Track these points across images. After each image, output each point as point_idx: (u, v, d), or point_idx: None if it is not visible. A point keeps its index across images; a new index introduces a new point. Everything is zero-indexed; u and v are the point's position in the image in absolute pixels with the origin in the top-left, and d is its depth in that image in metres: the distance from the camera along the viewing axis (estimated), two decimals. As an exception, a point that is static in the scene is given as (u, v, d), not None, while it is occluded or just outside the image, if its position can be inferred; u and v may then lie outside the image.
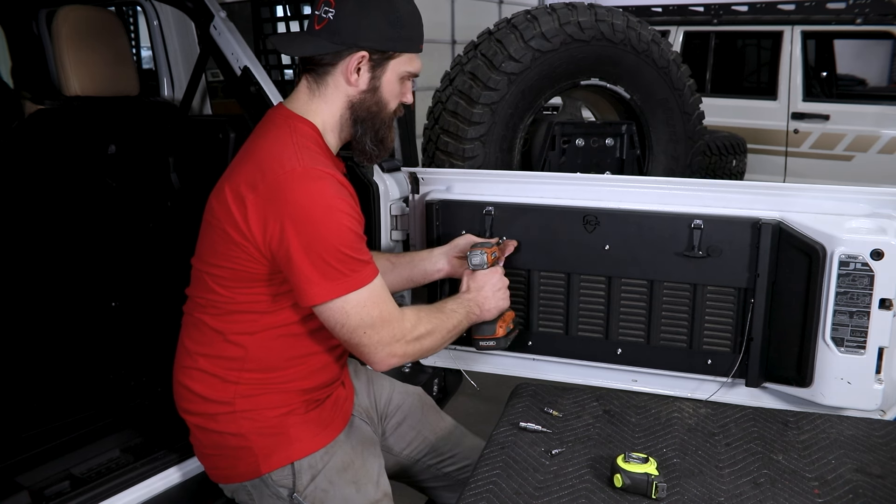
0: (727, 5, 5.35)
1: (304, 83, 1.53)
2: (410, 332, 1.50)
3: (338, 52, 1.47)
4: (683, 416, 1.66)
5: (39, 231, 2.63)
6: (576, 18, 2.67)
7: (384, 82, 1.52)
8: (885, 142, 4.73)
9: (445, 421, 1.85)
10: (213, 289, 1.48)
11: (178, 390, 1.56)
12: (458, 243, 1.85)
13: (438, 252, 1.85)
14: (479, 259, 1.73)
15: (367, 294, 1.42)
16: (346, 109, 1.52)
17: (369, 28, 1.46)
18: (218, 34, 2.24)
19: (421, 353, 1.55)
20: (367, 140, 1.55)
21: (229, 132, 2.20)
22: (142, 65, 4.22)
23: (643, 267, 1.84)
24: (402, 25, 1.49)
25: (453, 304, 1.65)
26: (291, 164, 1.38)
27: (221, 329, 1.49)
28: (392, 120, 1.58)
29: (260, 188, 1.38)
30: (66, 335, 2.49)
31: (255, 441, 1.49)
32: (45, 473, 1.64)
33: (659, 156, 3.00)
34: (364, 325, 1.42)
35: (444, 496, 1.82)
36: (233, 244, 1.41)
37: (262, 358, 1.49)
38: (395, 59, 1.51)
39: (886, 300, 1.61)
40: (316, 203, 1.37)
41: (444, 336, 1.58)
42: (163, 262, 2.44)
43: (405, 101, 1.59)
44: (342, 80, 1.49)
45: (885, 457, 1.48)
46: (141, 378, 2.17)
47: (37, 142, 2.64)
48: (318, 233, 1.36)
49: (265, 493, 1.52)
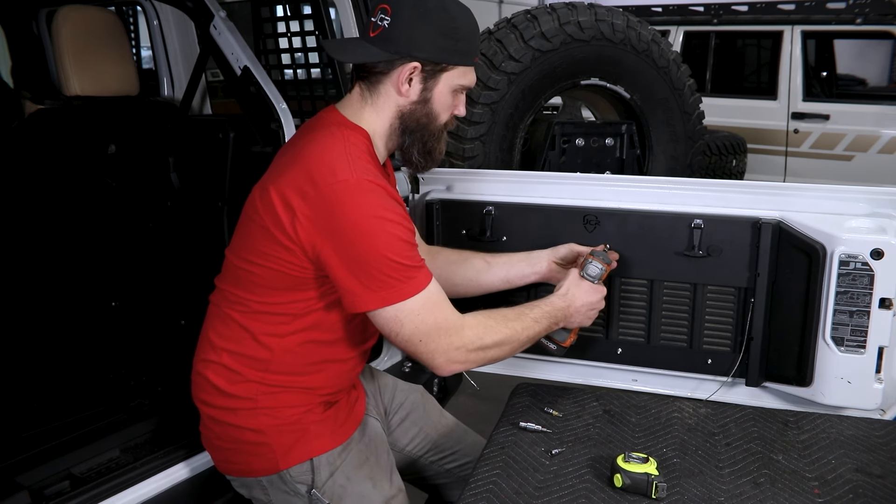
0: (727, 5, 5.35)
1: (356, 89, 1.51)
2: (475, 341, 1.45)
3: (390, 61, 1.45)
4: (683, 415, 1.66)
5: (39, 231, 2.63)
6: (576, 18, 2.67)
7: (436, 94, 1.49)
8: (885, 142, 4.73)
9: (447, 418, 1.86)
10: (247, 286, 1.47)
11: (198, 381, 1.55)
12: (559, 250, 1.81)
13: (538, 255, 1.81)
14: (597, 272, 1.66)
15: (422, 302, 1.40)
16: (395, 119, 1.50)
17: (423, 38, 1.43)
18: (218, 34, 2.23)
19: (487, 362, 1.51)
20: (414, 151, 1.53)
21: (229, 132, 2.20)
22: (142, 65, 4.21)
23: (643, 266, 1.84)
24: (458, 38, 1.46)
25: (539, 313, 1.58)
26: (344, 175, 1.36)
27: (250, 328, 1.48)
28: (442, 132, 1.55)
29: (310, 196, 1.36)
30: (66, 335, 2.49)
31: (273, 438, 1.49)
32: (45, 473, 1.64)
33: (659, 155, 3.00)
34: (419, 333, 1.40)
35: (446, 493, 1.82)
36: (277, 244, 1.40)
37: (286, 361, 1.48)
38: (448, 71, 1.48)
39: (886, 300, 1.62)
40: (365, 214, 1.35)
41: (516, 347, 1.53)
42: (163, 261, 2.44)
43: (457, 114, 1.56)
44: (393, 89, 1.47)
45: (885, 457, 1.48)
46: (141, 378, 2.17)
47: (37, 142, 2.64)
48: (368, 243, 1.35)
49: (281, 489, 1.52)
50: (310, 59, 2.47)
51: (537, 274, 1.81)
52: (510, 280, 1.82)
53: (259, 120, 2.20)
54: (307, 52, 2.46)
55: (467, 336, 1.44)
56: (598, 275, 1.66)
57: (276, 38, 2.60)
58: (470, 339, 1.45)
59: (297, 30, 2.44)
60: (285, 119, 2.19)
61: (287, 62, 2.54)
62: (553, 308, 1.61)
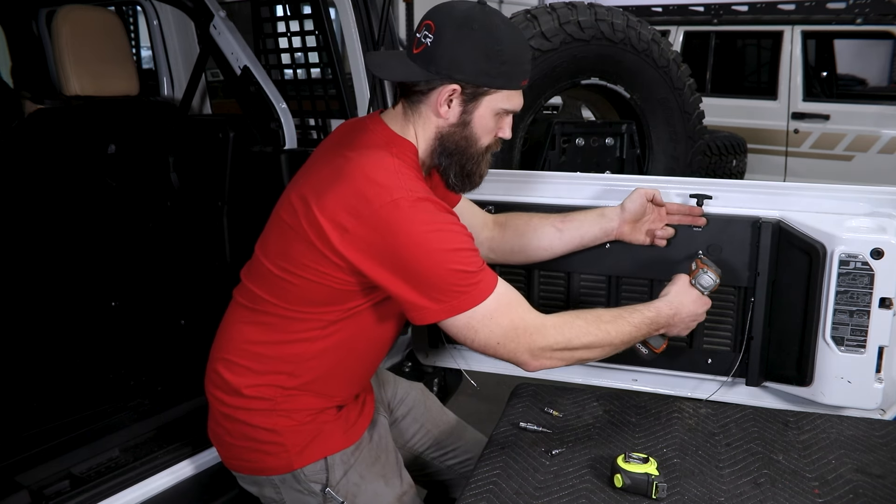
0: (727, 5, 5.35)
1: (401, 105, 1.46)
2: (560, 342, 1.41)
3: (430, 81, 1.39)
4: (683, 416, 1.66)
5: (39, 231, 2.63)
6: (576, 18, 2.67)
7: (476, 117, 1.43)
8: (885, 142, 4.74)
9: (448, 415, 1.86)
10: (281, 293, 1.44)
11: (213, 377, 1.54)
12: (629, 205, 1.74)
13: (610, 215, 1.76)
14: (711, 283, 1.57)
15: (493, 305, 1.36)
16: (435, 140, 1.45)
17: (465, 60, 1.37)
18: (218, 34, 2.24)
19: (579, 362, 1.48)
20: (451, 173, 1.49)
21: (229, 132, 2.20)
22: (142, 65, 4.22)
23: (643, 266, 1.84)
24: (502, 60, 1.39)
25: (640, 319, 1.50)
26: (399, 193, 1.32)
27: (279, 333, 1.46)
28: (483, 156, 1.49)
29: (364, 215, 1.32)
30: (66, 335, 2.49)
31: (288, 437, 1.48)
32: (45, 473, 1.64)
33: (659, 155, 3.01)
34: (495, 336, 1.37)
35: (447, 490, 1.83)
36: (323, 259, 1.36)
37: (310, 366, 1.47)
38: (490, 94, 1.41)
39: (886, 299, 1.61)
40: (422, 230, 1.32)
41: (609, 350, 1.47)
42: (163, 262, 2.44)
43: (502, 136, 1.50)
44: (431, 110, 1.42)
45: (885, 457, 1.48)
46: (141, 378, 2.17)
47: (37, 141, 2.64)
48: (429, 258, 1.32)
49: (295, 488, 1.52)
50: (310, 59, 2.47)
51: (609, 235, 1.78)
52: (584, 244, 1.79)
53: (259, 120, 2.20)
54: (307, 52, 2.46)
55: (551, 336, 1.40)
56: (710, 286, 1.57)
57: (276, 38, 2.60)
58: (555, 340, 1.40)
59: (297, 30, 2.44)
60: (285, 119, 2.20)
61: (287, 62, 2.54)
62: (657, 314, 1.52)
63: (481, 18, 1.38)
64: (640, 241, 1.77)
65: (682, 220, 1.76)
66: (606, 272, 1.88)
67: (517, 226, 1.81)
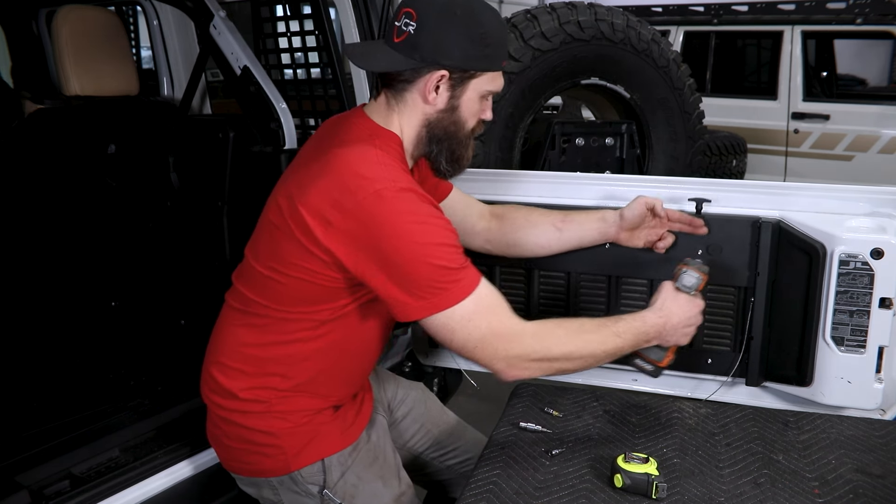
0: (727, 5, 5.35)
1: (382, 97, 1.46)
2: (538, 351, 1.37)
3: (416, 70, 1.39)
4: (683, 416, 1.65)
5: (39, 231, 2.63)
6: (576, 18, 2.67)
7: (463, 101, 1.43)
8: (885, 142, 4.73)
9: (448, 415, 1.86)
10: (272, 295, 1.44)
11: (209, 381, 1.54)
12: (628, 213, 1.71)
13: (610, 219, 1.74)
14: (694, 282, 1.51)
15: (472, 307, 1.33)
16: (422, 128, 1.45)
17: (451, 45, 1.37)
18: (218, 34, 2.24)
19: (558, 373, 1.43)
20: (441, 159, 1.48)
21: (229, 132, 2.20)
22: (142, 65, 4.22)
23: (643, 266, 1.84)
24: (486, 43, 1.39)
25: (623, 327, 1.44)
26: (382, 184, 1.31)
27: (271, 335, 1.46)
28: (469, 138, 1.49)
29: (348, 207, 1.31)
30: (66, 335, 2.49)
31: (285, 440, 1.48)
32: (45, 473, 1.64)
33: (659, 155, 3.01)
34: (472, 339, 1.35)
35: (446, 489, 1.83)
36: (310, 256, 1.36)
37: (304, 367, 1.47)
38: (476, 77, 1.42)
39: (886, 299, 1.61)
40: (404, 222, 1.31)
41: (591, 361, 1.42)
42: (163, 261, 2.44)
43: (484, 119, 1.50)
44: (419, 97, 1.41)
45: (885, 457, 1.48)
46: (141, 378, 2.17)
47: (37, 141, 2.64)
48: (410, 251, 1.31)
49: (292, 490, 1.52)
50: (310, 59, 2.47)
51: (607, 239, 1.77)
52: (582, 245, 1.79)
53: (259, 120, 2.20)
54: (307, 52, 2.46)
55: (528, 344, 1.37)
56: (694, 285, 1.51)
57: (276, 38, 2.60)
58: (532, 349, 1.37)
59: (297, 30, 2.44)
60: (285, 119, 2.20)
61: (287, 62, 2.54)
62: (643, 323, 1.46)
63: (462, 3, 1.39)
64: (637, 246, 1.77)
65: (683, 228, 1.75)
66: (606, 272, 1.88)
67: (515, 219, 1.80)
